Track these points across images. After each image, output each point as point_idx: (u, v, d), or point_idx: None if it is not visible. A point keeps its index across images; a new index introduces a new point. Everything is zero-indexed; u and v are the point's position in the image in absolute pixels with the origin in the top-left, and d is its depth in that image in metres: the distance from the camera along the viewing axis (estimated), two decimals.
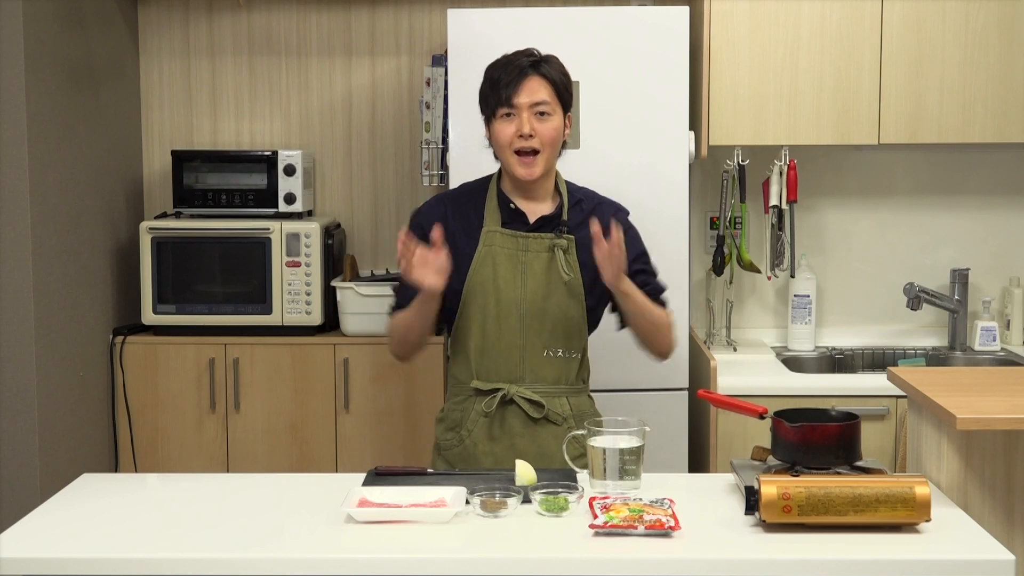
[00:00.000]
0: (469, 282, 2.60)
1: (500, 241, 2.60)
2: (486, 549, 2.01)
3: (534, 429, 2.61)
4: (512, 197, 2.63)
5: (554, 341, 2.61)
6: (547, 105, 2.53)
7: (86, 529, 2.13)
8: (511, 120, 2.53)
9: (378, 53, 4.07)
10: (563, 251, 2.59)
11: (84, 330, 3.64)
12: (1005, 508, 2.25)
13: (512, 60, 2.56)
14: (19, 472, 3.33)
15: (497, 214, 2.63)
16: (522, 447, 2.59)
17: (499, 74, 2.55)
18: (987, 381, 2.60)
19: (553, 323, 2.60)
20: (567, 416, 2.63)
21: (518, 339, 2.60)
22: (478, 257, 2.60)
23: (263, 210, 3.81)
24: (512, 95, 2.52)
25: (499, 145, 2.57)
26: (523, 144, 2.53)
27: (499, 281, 2.59)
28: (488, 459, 2.62)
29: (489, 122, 2.59)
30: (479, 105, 2.61)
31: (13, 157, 3.27)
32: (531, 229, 2.62)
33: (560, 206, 2.63)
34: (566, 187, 2.67)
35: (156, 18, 4.06)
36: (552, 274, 2.59)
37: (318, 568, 1.96)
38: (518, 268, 2.60)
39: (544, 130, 2.53)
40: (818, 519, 2.02)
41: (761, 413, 2.38)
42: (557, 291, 2.60)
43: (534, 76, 2.53)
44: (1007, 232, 3.94)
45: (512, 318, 2.59)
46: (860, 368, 3.85)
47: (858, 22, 3.53)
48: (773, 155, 3.66)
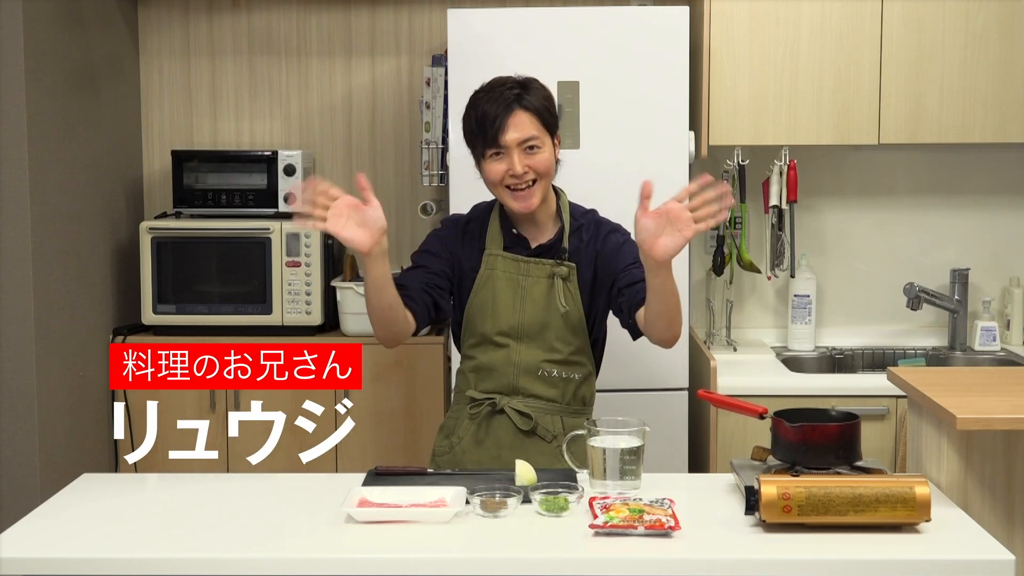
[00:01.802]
0: (470, 304, 2.61)
1: (501, 265, 2.60)
2: (486, 549, 2.01)
3: (523, 442, 2.60)
4: (514, 222, 2.62)
5: (549, 364, 2.60)
6: (535, 139, 2.49)
7: (86, 529, 2.13)
8: (501, 159, 2.50)
9: (378, 53, 4.07)
10: (563, 279, 2.57)
11: (84, 330, 3.64)
12: (1005, 508, 2.25)
13: (494, 94, 2.50)
14: (19, 472, 3.33)
15: (500, 238, 2.62)
16: (508, 460, 2.54)
17: (483, 111, 2.49)
18: (987, 381, 2.60)
19: (549, 348, 2.60)
20: (557, 434, 2.61)
21: (513, 358, 2.60)
22: (479, 280, 2.60)
23: (263, 210, 3.81)
24: (499, 135, 2.47)
25: (491, 183, 2.54)
26: (516, 182, 2.51)
27: (498, 305, 2.59)
28: (475, 468, 2.59)
29: (479, 161, 2.55)
30: (465, 140, 2.56)
31: (13, 157, 3.27)
32: (532, 254, 2.60)
33: (561, 231, 2.61)
34: (569, 210, 2.63)
35: (156, 18, 4.06)
36: (551, 301, 2.58)
37: (318, 568, 1.96)
38: (518, 293, 2.59)
39: (535, 163, 2.50)
40: (818, 519, 2.02)
41: (761, 413, 2.37)
42: (555, 319, 2.58)
43: (518, 111, 2.48)
44: (1007, 232, 3.94)
45: (509, 340, 2.60)
46: (860, 368, 3.85)
47: (858, 22, 3.53)
48: (773, 155, 3.66)
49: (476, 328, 2.62)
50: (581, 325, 2.60)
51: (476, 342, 2.63)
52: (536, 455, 2.56)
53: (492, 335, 2.60)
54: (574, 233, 2.61)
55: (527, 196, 2.51)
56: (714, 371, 3.30)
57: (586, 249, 2.60)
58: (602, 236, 2.62)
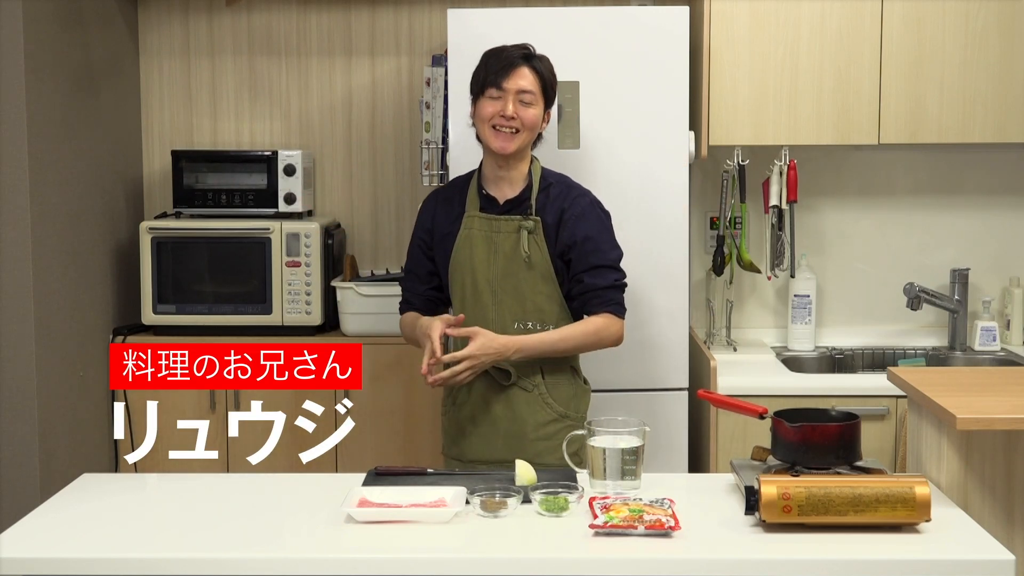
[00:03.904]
0: (451, 263, 2.82)
1: (477, 225, 2.80)
2: (486, 549, 2.01)
3: (507, 394, 2.78)
4: (486, 185, 2.83)
5: (524, 315, 2.78)
6: (531, 95, 2.73)
7: (86, 529, 2.13)
8: (496, 101, 2.73)
9: (378, 53, 4.07)
10: (528, 232, 2.75)
11: (84, 330, 3.64)
12: (1005, 508, 2.25)
13: (508, 49, 2.76)
14: (19, 472, 3.34)
15: (476, 201, 2.82)
16: (498, 412, 2.78)
17: (495, 57, 2.75)
18: (987, 381, 2.60)
19: (522, 298, 2.77)
20: (538, 383, 2.77)
21: (491, 313, 2.78)
22: (459, 240, 2.81)
23: (263, 210, 3.81)
24: (502, 80, 2.72)
25: (480, 119, 2.75)
26: (503, 123, 2.72)
27: (475, 261, 2.79)
28: (469, 424, 2.81)
29: (476, 100, 2.77)
30: (470, 86, 2.79)
31: (13, 157, 3.27)
32: (502, 212, 2.79)
33: (527, 188, 2.79)
34: (540, 172, 2.83)
35: (156, 18, 4.06)
36: (518, 252, 2.75)
37: (318, 568, 1.97)
38: (491, 248, 2.78)
39: (525, 115, 2.73)
40: (818, 519, 2.02)
41: (761, 413, 2.38)
42: (523, 268, 2.76)
43: (524, 66, 2.74)
44: (1007, 232, 3.94)
45: (485, 295, 2.78)
46: (860, 368, 3.84)
47: (858, 22, 3.53)
48: (773, 155, 3.66)
49: (458, 284, 2.81)
50: (549, 274, 2.77)
51: (460, 304, 2.81)
52: (520, 404, 2.77)
53: (471, 289, 2.79)
54: (542, 191, 2.80)
55: (508, 139, 2.73)
56: (714, 371, 3.30)
57: (552, 205, 2.78)
58: (572, 197, 2.80)
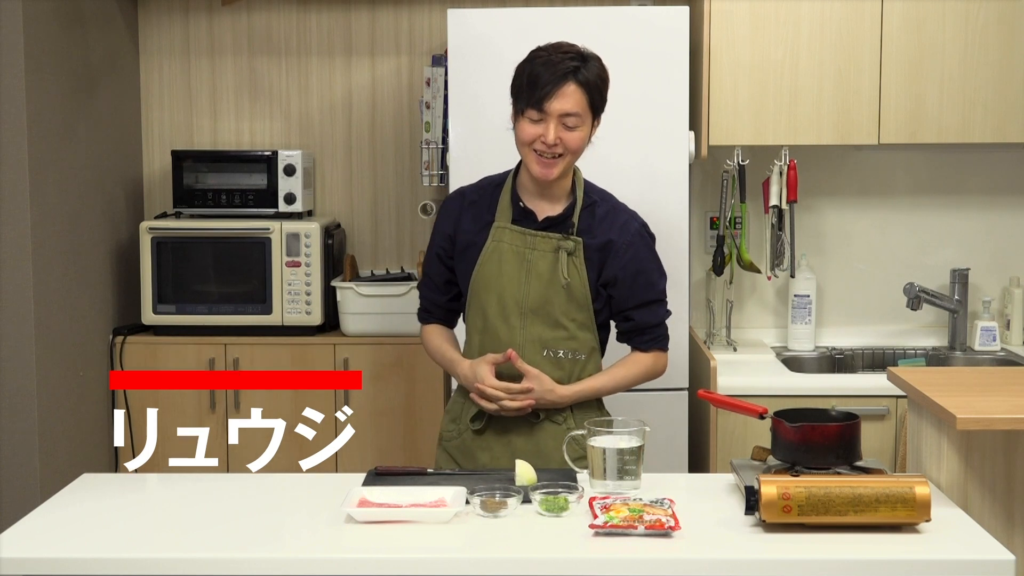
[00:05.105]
0: (475, 276, 2.59)
1: (508, 237, 2.58)
2: (486, 549, 2.01)
3: (532, 426, 2.60)
4: (524, 195, 2.61)
5: (555, 343, 2.59)
6: (577, 117, 2.49)
7: (86, 529, 2.13)
8: (537, 125, 2.49)
9: (378, 53, 4.07)
10: (568, 253, 2.56)
11: (84, 330, 3.64)
12: (1005, 508, 2.24)
13: (555, 60, 2.49)
14: (19, 472, 3.34)
15: (509, 211, 2.60)
16: (519, 444, 2.58)
17: (537, 72, 2.49)
18: (987, 381, 2.60)
19: (555, 325, 2.58)
20: (567, 416, 2.61)
21: (518, 337, 2.58)
22: (485, 251, 2.59)
23: (263, 210, 3.81)
24: (544, 101, 2.47)
25: (521, 142, 2.53)
26: (544, 149, 2.51)
27: (503, 278, 2.57)
28: (485, 454, 2.61)
29: (517, 116, 2.54)
30: (510, 89, 2.55)
31: (13, 157, 3.27)
32: (539, 228, 2.59)
33: (570, 207, 2.59)
34: (583, 187, 2.62)
35: (156, 18, 4.06)
36: (556, 275, 2.56)
37: (318, 568, 1.96)
38: (523, 266, 2.57)
39: (569, 139, 2.50)
40: (818, 519, 2.02)
41: (761, 413, 2.37)
42: (559, 293, 2.56)
43: (571, 83, 2.48)
44: (1007, 232, 3.94)
45: (513, 316, 2.58)
46: (860, 368, 3.84)
47: (858, 22, 3.53)
48: (773, 155, 3.66)
49: (480, 302, 2.60)
50: (586, 301, 2.58)
51: (481, 324, 2.61)
52: (547, 438, 2.58)
53: (496, 308, 2.58)
54: (586, 209, 2.60)
55: (551, 165, 2.51)
56: (714, 371, 3.30)
57: (599, 227, 2.59)
58: (620, 223, 2.61)
